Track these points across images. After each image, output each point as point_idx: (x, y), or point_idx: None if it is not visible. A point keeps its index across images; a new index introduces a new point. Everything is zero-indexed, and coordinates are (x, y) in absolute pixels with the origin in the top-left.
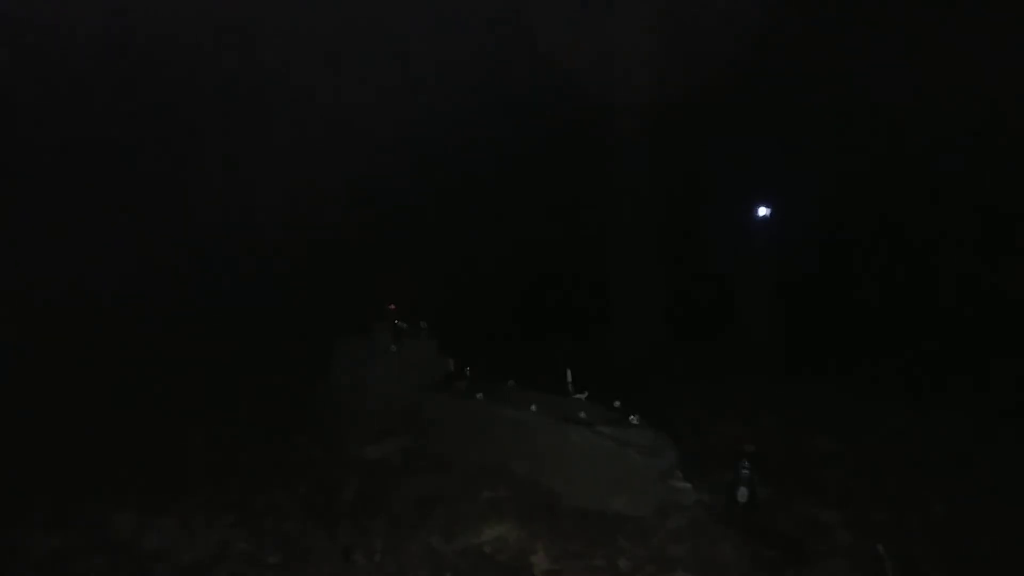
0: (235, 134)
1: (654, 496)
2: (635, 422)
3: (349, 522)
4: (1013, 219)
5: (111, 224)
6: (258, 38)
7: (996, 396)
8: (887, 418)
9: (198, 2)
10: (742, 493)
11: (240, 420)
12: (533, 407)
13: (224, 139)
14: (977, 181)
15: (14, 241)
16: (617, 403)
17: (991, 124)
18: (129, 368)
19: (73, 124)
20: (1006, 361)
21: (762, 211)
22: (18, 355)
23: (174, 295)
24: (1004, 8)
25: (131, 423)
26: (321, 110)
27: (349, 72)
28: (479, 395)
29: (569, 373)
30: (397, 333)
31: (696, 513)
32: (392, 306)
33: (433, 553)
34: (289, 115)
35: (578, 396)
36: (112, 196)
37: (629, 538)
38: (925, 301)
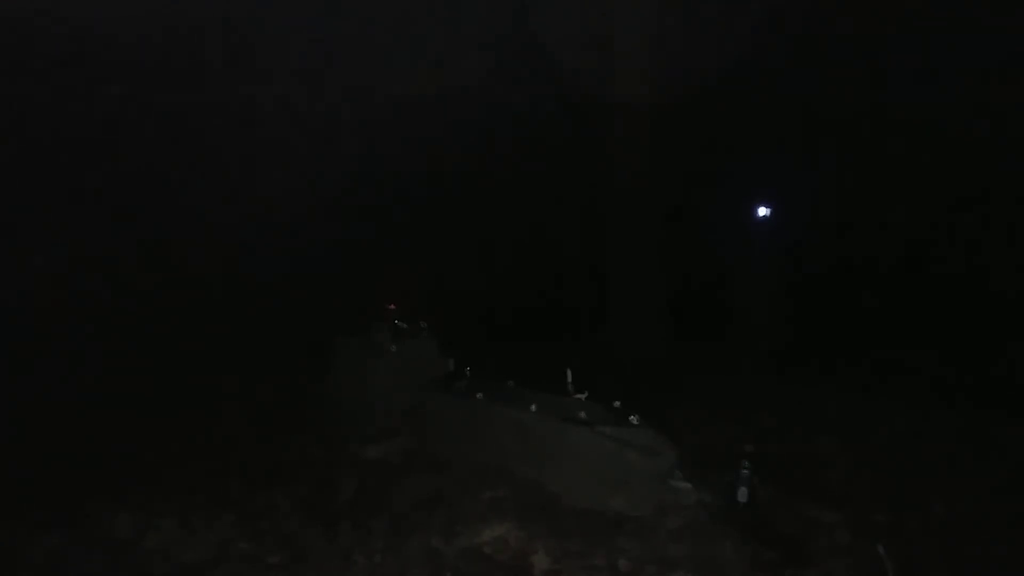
0: (233, 132)
1: (654, 496)
2: (635, 422)
3: (349, 522)
4: (1014, 219)
5: (109, 222)
6: (253, 34)
7: (996, 396)
8: (887, 418)
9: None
10: (742, 493)
11: (239, 420)
12: (533, 407)
13: (222, 137)
14: (981, 181)
15: (11, 239)
16: (617, 403)
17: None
18: (128, 368)
19: (69, 122)
20: (1007, 362)
21: (762, 210)
22: (16, 354)
23: (173, 294)
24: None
25: (130, 423)
26: (320, 109)
27: (348, 70)
28: (479, 395)
29: (569, 373)
30: (397, 333)
31: (696, 513)
32: (392, 306)
33: (433, 553)
34: (288, 114)
35: (578, 396)
36: (111, 195)
37: (629, 538)
38: (927, 301)
